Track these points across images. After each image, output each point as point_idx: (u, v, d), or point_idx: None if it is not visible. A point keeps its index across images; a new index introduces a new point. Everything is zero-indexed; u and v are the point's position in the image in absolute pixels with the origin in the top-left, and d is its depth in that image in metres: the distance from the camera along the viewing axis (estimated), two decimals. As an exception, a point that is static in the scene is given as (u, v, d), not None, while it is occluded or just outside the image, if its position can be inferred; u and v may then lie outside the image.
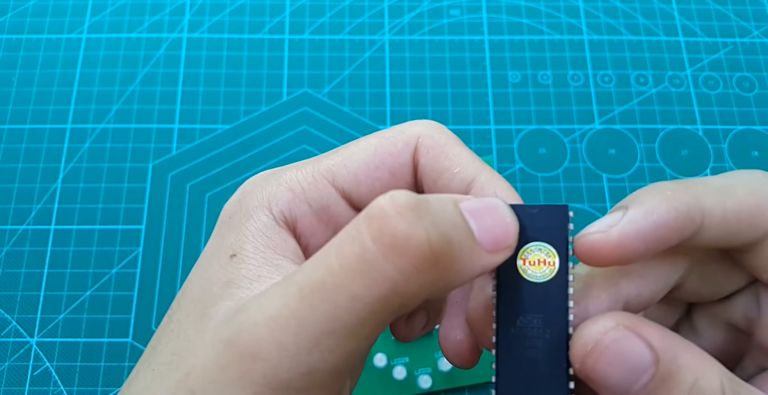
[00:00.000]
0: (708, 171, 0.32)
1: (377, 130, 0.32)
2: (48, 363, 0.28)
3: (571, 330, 0.14)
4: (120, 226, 0.30)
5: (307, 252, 0.17)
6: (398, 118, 0.33)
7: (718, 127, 0.33)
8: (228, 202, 0.18)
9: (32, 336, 0.28)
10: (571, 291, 0.14)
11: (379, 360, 0.26)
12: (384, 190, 0.15)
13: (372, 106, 0.33)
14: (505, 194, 0.16)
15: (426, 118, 0.32)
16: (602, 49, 0.35)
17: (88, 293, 0.29)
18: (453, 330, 0.17)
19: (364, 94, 0.33)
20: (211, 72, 0.34)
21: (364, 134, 0.32)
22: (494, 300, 0.14)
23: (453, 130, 0.33)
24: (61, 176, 0.31)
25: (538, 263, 0.14)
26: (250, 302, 0.14)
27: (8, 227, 0.30)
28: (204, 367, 0.14)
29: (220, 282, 0.16)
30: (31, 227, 0.30)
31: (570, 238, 0.14)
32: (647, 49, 0.35)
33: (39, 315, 0.28)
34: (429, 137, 0.18)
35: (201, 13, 0.35)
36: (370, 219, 0.13)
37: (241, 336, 0.14)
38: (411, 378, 0.27)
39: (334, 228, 0.18)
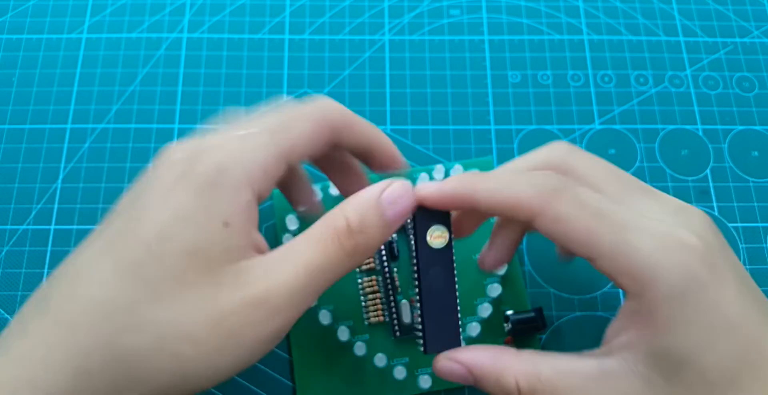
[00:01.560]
0: (708, 171, 0.32)
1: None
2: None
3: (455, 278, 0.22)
4: (120, 226, 0.30)
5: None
6: (398, 118, 0.33)
7: (718, 127, 0.33)
8: (200, 162, 0.20)
9: (32, 336, 0.28)
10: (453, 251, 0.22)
11: (380, 360, 0.26)
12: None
13: (372, 106, 0.33)
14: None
15: (426, 118, 0.33)
16: (602, 49, 0.35)
17: (88, 293, 0.29)
18: None
19: (364, 93, 0.33)
20: (211, 72, 0.34)
21: (364, 134, 0.32)
22: (414, 261, 0.22)
23: (453, 130, 0.33)
24: (61, 176, 0.31)
25: (438, 237, 0.22)
26: (271, 272, 0.19)
27: (8, 227, 0.30)
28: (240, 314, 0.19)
29: (218, 247, 0.19)
30: (31, 227, 0.30)
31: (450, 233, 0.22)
32: (647, 49, 0.35)
33: (39, 315, 0.28)
34: (339, 113, 0.23)
35: (201, 13, 0.35)
36: (338, 232, 0.20)
37: (269, 296, 0.19)
38: (411, 377, 0.27)
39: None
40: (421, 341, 0.22)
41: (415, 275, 0.22)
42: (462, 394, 0.27)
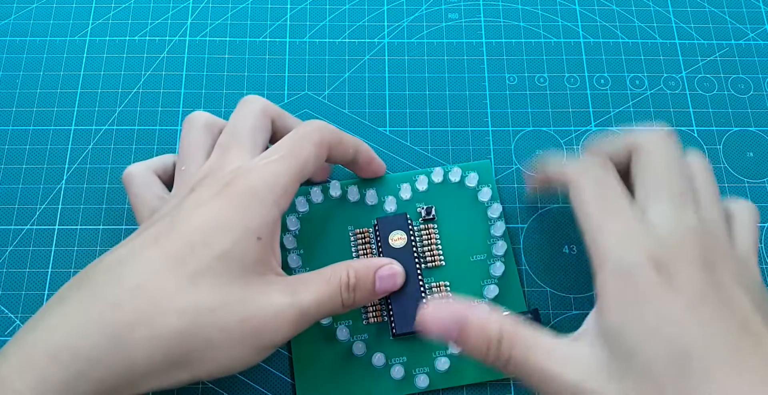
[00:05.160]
0: (703, 172, 0.32)
1: (377, 131, 0.33)
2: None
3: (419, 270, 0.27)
4: (123, 226, 0.30)
5: None
6: (397, 120, 0.33)
7: (714, 128, 0.33)
8: (236, 183, 0.23)
9: (36, 335, 0.28)
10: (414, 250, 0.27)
11: (378, 359, 0.27)
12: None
13: (371, 108, 0.33)
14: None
15: (425, 120, 0.33)
16: (598, 52, 0.35)
17: (91, 292, 0.29)
18: None
19: (363, 96, 0.34)
20: (213, 74, 0.34)
21: (364, 136, 0.32)
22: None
23: (451, 132, 0.34)
24: (65, 177, 0.32)
25: (398, 239, 0.27)
26: (292, 293, 0.23)
27: (12, 227, 0.30)
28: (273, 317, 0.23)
29: (251, 257, 0.22)
30: (35, 227, 0.30)
31: (411, 229, 0.28)
32: (643, 52, 0.35)
33: (43, 314, 0.29)
34: (330, 132, 0.27)
35: (203, 16, 0.36)
36: (342, 283, 0.24)
37: (287, 311, 0.22)
38: (409, 377, 0.27)
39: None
40: (392, 326, 0.26)
41: None
42: (461, 393, 0.27)
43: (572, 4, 0.36)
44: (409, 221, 0.28)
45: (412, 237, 0.28)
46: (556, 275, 0.30)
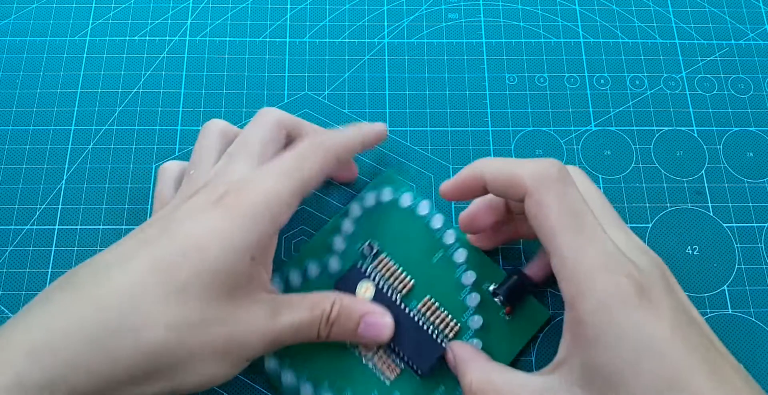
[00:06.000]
0: (703, 172, 0.32)
1: (377, 131, 0.33)
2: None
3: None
4: (124, 226, 0.30)
5: None
6: (397, 120, 0.33)
7: (714, 128, 0.33)
8: (236, 196, 0.23)
9: (37, 335, 0.28)
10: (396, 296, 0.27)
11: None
12: None
13: (371, 108, 0.33)
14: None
15: (425, 120, 0.33)
16: (598, 52, 0.35)
17: (91, 292, 0.29)
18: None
19: (363, 96, 0.34)
20: (213, 74, 0.34)
21: (363, 136, 0.32)
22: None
23: (451, 132, 0.34)
24: (65, 177, 0.32)
25: (366, 290, 0.27)
26: (274, 315, 0.23)
27: (12, 227, 0.30)
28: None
29: (240, 275, 0.22)
30: (35, 227, 0.30)
31: (369, 274, 0.27)
32: (643, 52, 0.35)
33: (43, 314, 0.29)
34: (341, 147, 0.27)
35: (203, 16, 0.36)
36: (323, 313, 0.24)
37: (268, 331, 0.23)
38: None
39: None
40: (415, 369, 0.26)
41: None
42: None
43: (572, 4, 0.36)
44: (361, 268, 0.27)
45: (377, 280, 0.27)
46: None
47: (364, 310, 0.25)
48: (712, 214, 0.31)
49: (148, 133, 0.33)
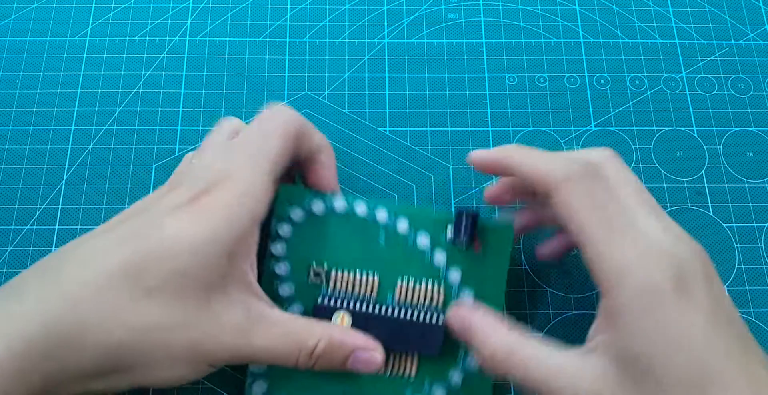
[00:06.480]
0: (703, 172, 0.32)
1: (377, 131, 0.33)
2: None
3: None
4: (123, 226, 0.31)
5: None
6: (397, 120, 0.33)
7: (713, 128, 0.33)
8: (211, 194, 0.23)
9: (37, 335, 0.28)
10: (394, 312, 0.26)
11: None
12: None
13: (371, 108, 0.33)
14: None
15: (425, 120, 0.33)
16: (598, 52, 0.35)
17: (91, 292, 0.29)
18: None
19: (363, 96, 0.34)
20: (213, 74, 0.34)
21: (364, 136, 0.32)
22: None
23: (451, 132, 0.34)
24: (65, 177, 0.32)
25: (343, 319, 0.25)
26: (245, 331, 0.22)
27: (12, 227, 0.30)
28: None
29: (216, 275, 0.22)
30: (35, 227, 0.30)
31: (335, 303, 0.26)
32: (643, 52, 0.35)
33: (43, 314, 0.29)
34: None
35: (203, 16, 0.36)
36: (301, 349, 0.23)
37: (238, 349, 0.22)
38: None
39: None
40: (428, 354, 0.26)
41: None
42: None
43: (572, 4, 0.36)
44: (323, 303, 0.26)
45: (345, 304, 0.26)
46: (556, 275, 0.30)
47: (354, 346, 0.24)
48: (712, 214, 0.31)
49: (148, 133, 0.33)
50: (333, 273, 0.26)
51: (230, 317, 0.22)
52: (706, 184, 0.32)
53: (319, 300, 0.26)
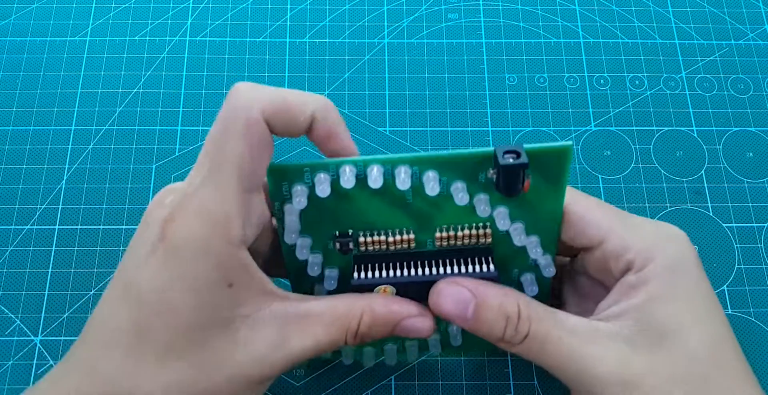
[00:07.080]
0: (703, 172, 0.32)
1: (377, 131, 0.33)
2: (52, 362, 0.28)
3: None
4: (124, 226, 0.31)
5: None
6: (397, 120, 0.33)
7: (713, 128, 0.33)
8: (179, 217, 0.20)
9: (36, 335, 0.28)
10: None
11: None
12: None
13: (371, 109, 0.33)
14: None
15: (425, 120, 0.33)
16: (598, 52, 0.35)
17: (92, 292, 0.29)
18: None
19: (363, 96, 0.34)
20: (213, 74, 0.34)
21: (364, 135, 0.32)
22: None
23: (451, 132, 0.34)
24: (65, 177, 0.32)
25: (384, 291, 0.23)
26: (291, 331, 0.21)
27: (12, 227, 0.30)
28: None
29: (223, 306, 0.20)
30: (35, 227, 0.31)
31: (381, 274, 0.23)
32: (643, 52, 0.35)
33: (43, 315, 0.29)
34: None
35: (203, 16, 0.36)
36: (349, 330, 0.21)
37: (291, 357, 0.21)
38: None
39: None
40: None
41: None
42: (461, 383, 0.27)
43: (572, 4, 0.36)
44: (359, 277, 0.23)
45: (383, 274, 0.23)
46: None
47: (401, 315, 0.22)
48: (711, 214, 0.31)
49: (148, 133, 0.33)
50: (361, 238, 0.23)
51: (262, 334, 0.21)
52: (705, 184, 0.32)
53: (355, 276, 0.23)
